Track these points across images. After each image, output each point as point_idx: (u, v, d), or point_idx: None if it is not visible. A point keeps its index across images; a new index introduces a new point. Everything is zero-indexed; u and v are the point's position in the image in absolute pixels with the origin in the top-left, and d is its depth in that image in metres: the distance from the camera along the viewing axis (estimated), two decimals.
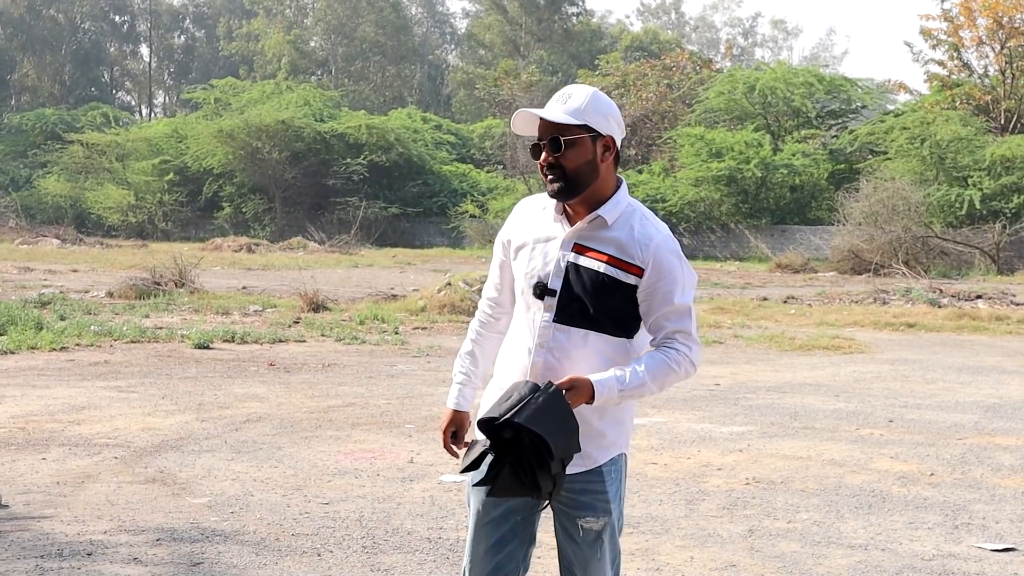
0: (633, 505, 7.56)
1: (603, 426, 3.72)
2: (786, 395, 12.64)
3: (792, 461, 9.07)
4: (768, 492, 8.02)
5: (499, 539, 3.79)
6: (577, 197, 3.68)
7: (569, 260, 3.67)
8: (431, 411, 11.05)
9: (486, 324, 4.00)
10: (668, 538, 6.85)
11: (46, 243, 47.20)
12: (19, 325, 16.38)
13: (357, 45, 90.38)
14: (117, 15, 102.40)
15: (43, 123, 71.57)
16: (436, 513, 7.28)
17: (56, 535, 6.63)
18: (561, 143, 3.63)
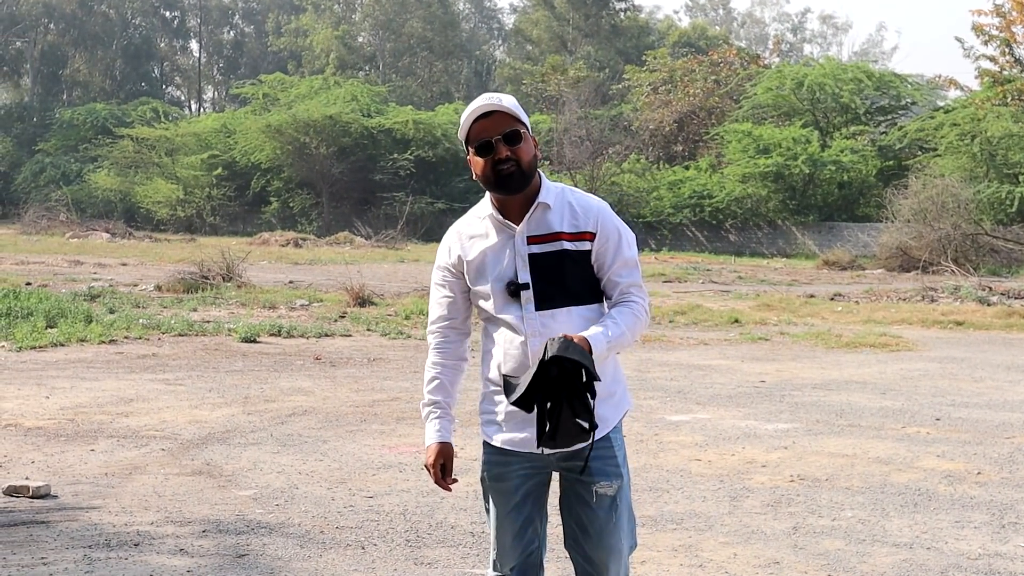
0: (676, 501, 7.56)
1: (612, 386, 4.00)
2: (832, 392, 12.58)
3: (837, 459, 9.02)
4: (813, 490, 7.99)
5: (522, 524, 4.01)
6: (524, 190, 3.94)
7: (530, 252, 3.91)
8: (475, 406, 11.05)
9: (444, 351, 4.15)
10: (711, 535, 6.84)
11: (96, 237, 47.61)
12: (69, 318, 16.56)
13: (405, 41, 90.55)
14: (168, 11, 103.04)
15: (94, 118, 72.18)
16: (479, 507, 7.29)
17: (104, 526, 6.70)
18: (519, 135, 3.90)
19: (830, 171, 48.75)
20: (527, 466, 3.99)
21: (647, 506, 7.43)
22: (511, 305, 3.94)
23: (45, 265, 30.32)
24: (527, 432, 3.92)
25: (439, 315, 4.14)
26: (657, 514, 7.25)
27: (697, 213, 51.07)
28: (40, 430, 9.42)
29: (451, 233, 4.13)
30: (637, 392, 12.21)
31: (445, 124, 59.85)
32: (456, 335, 4.15)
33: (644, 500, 7.57)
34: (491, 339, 4.04)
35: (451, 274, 4.08)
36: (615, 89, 69.24)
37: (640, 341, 16.85)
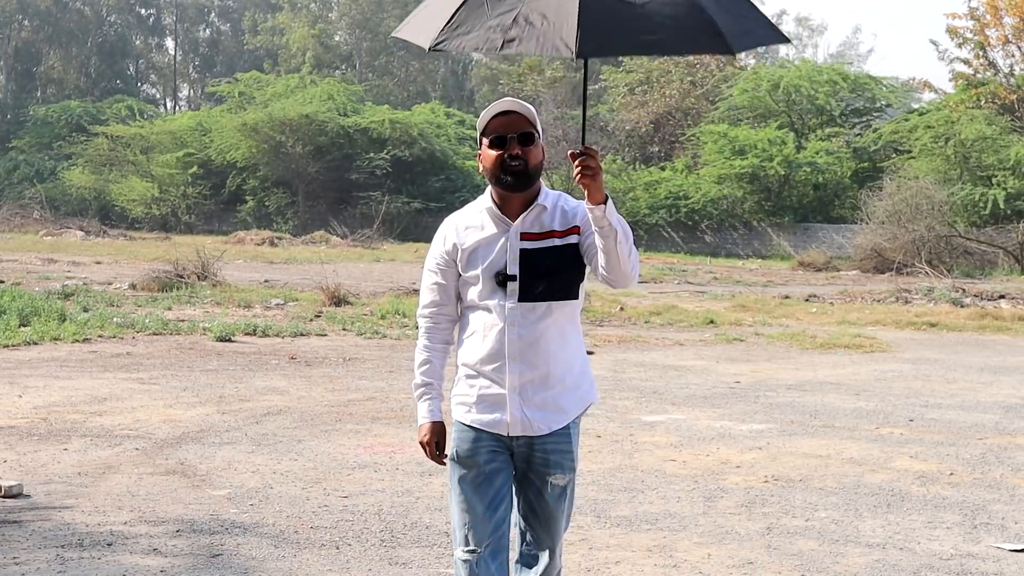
0: (651, 502, 7.58)
1: (579, 379, 4.31)
2: (806, 393, 12.62)
3: (811, 459, 9.06)
4: (787, 490, 8.02)
5: (493, 496, 4.23)
6: (526, 189, 4.24)
7: (522, 247, 4.20)
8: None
9: (433, 335, 4.38)
10: (686, 535, 6.86)
11: (70, 235, 47.41)
12: (42, 316, 16.48)
13: (381, 40, 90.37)
14: (143, 8, 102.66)
15: (68, 115, 71.83)
16: None
17: (77, 525, 6.67)
18: (534, 137, 4.22)
19: (805, 172, 48.91)
20: (494, 445, 4.23)
21: (622, 506, 7.45)
22: (496, 294, 4.21)
23: (18, 263, 30.17)
24: (497, 414, 4.21)
25: (431, 300, 4.38)
26: (632, 514, 7.27)
27: (673, 214, 51.15)
28: (12, 429, 9.38)
29: (448, 223, 4.38)
30: (612, 392, 12.23)
31: (421, 124, 59.77)
32: (445, 320, 4.38)
33: (619, 500, 7.59)
34: (470, 325, 4.30)
35: (445, 262, 4.32)
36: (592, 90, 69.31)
37: (616, 342, 16.87)
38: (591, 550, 6.55)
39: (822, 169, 48.86)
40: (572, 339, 4.31)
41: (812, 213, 50.06)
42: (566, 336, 4.28)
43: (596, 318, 20.31)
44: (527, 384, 4.20)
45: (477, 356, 4.24)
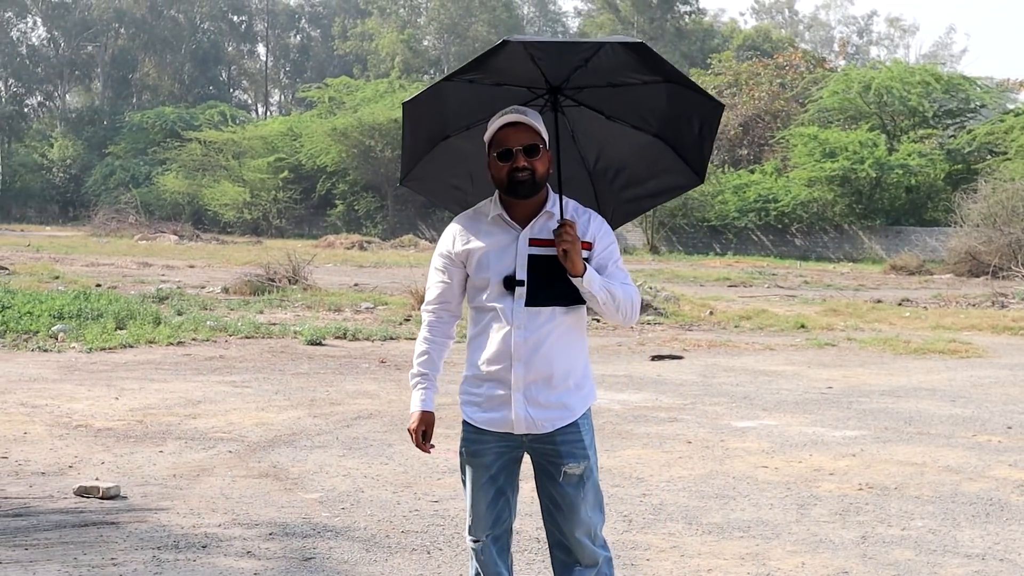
0: (743, 509, 7.51)
1: (582, 381, 4.48)
2: (900, 399, 12.44)
3: (906, 467, 8.92)
4: (882, 498, 7.90)
5: (495, 495, 4.51)
6: (533, 197, 4.40)
7: (530, 253, 4.36)
8: None
9: (435, 329, 4.57)
10: (779, 543, 6.78)
11: (164, 239, 48.14)
12: (138, 320, 16.73)
13: (470, 44, 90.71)
14: (235, 15, 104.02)
15: (163, 121, 73.00)
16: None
17: (172, 527, 6.75)
18: (539, 148, 4.37)
19: (897, 175, 48.28)
20: (501, 445, 4.45)
21: (713, 513, 7.38)
22: (505, 298, 4.38)
23: (115, 267, 30.70)
24: (503, 413, 4.39)
25: (435, 296, 4.56)
26: (724, 521, 7.21)
27: (762, 217, 50.79)
28: (110, 431, 9.53)
29: (455, 225, 4.54)
30: (702, 397, 12.16)
31: None
32: (448, 316, 4.57)
33: (710, 507, 7.53)
34: (479, 327, 4.47)
35: (451, 262, 4.51)
36: None
37: (705, 347, 16.78)
38: (683, 557, 6.50)
39: (914, 171, 48.20)
40: (577, 343, 4.48)
41: (904, 216, 49.41)
42: (571, 339, 4.45)
43: (685, 322, 20.20)
44: (531, 384, 4.37)
45: (484, 357, 4.41)
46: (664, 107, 4.64)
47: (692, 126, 4.68)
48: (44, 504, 7.17)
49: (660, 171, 4.82)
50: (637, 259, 45.95)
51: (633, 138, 4.76)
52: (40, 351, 14.42)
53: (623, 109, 4.70)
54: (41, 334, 15.45)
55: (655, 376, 13.92)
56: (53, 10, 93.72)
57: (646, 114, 4.69)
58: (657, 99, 4.62)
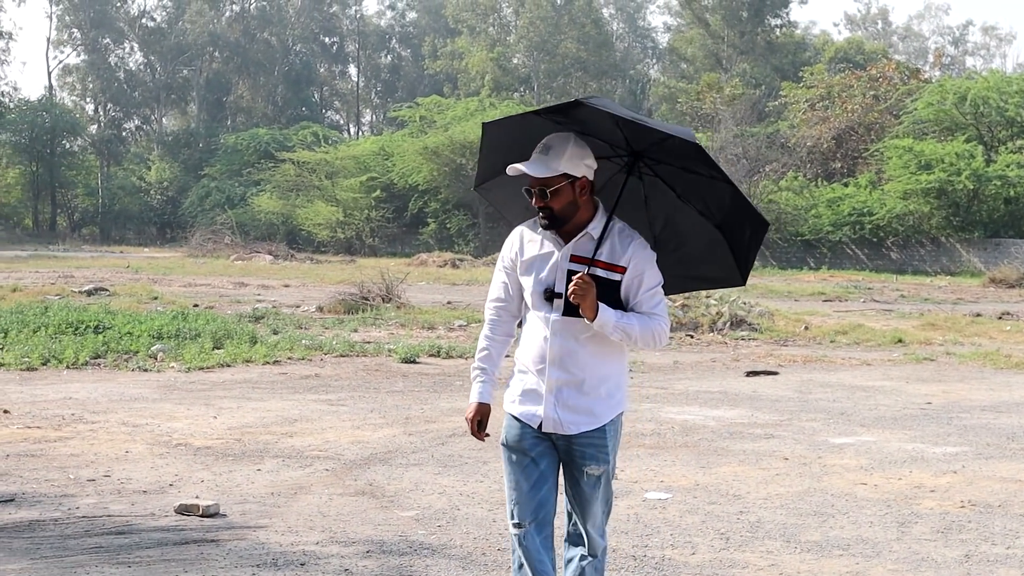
0: (842, 527, 7.41)
1: (614, 391, 4.76)
2: (1002, 415, 12.21)
3: (1010, 484, 8.75)
4: (985, 516, 7.76)
5: (538, 478, 4.78)
6: (561, 228, 4.71)
7: (569, 268, 4.67)
8: (634, 427, 11.03)
9: (495, 327, 4.94)
10: (879, 561, 6.68)
11: (259, 259, 48.72)
12: (235, 339, 16.95)
13: (559, 61, 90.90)
14: (327, 36, 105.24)
15: (257, 143, 73.98)
16: (641, 531, 7.25)
17: (271, 545, 6.82)
18: (547, 193, 4.65)
19: (996, 186, 47.50)
20: (536, 434, 4.76)
21: (811, 531, 7.30)
22: (545, 306, 4.73)
23: (211, 287, 31.12)
24: (535, 409, 4.73)
25: (496, 296, 4.95)
26: (823, 539, 7.12)
27: (857, 231, 50.22)
28: (209, 449, 9.65)
29: (516, 232, 4.92)
30: (798, 413, 12.04)
31: None
32: (507, 315, 4.92)
33: (808, 525, 7.44)
34: (526, 328, 4.85)
35: (511, 265, 4.88)
36: (771, 106, 68.50)
37: (801, 362, 16.62)
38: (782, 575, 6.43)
39: (1013, 183, 47.40)
40: (611, 354, 4.75)
41: (1003, 228, 48.58)
42: (604, 350, 4.72)
43: (780, 338, 20.03)
44: (563, 387, 4.70)
45: (527, 356, 4.78)
46: (728, 205, 4.86)
47: (745, 231, 4.90)
48: (146, 522, 7.27)
49: (712, 260, 5.04)
50: None
51: (698, 222, 4.96)
52: (140, 371, 14.66)
53: (694, 194, 4.92)
54: (141, 354, 15.70)
55: (750, 392, 13.81)
56: (149, 35, 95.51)
57: (712, 206, 4.91)
58: (722, 196, 4.84)
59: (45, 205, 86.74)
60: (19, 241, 71.43)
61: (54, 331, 17.13)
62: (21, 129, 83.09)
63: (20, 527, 7.08)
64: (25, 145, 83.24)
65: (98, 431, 10.38)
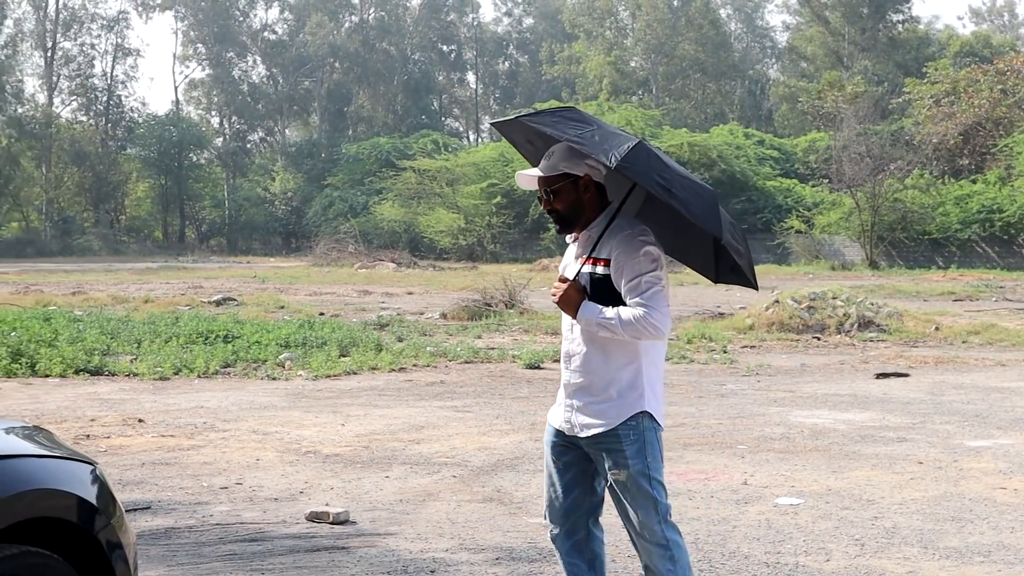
0: (982, 532, 7.22)
1: (624, 391, 4.72)
2: None
3: None
4: None
5: (564, 487, 4.90)
6: (574, 230, 4.86)
7: (581, 270, 4.79)
8: (763, 431, 10.88)
9: None
10: (1022, 569, 6.49)
11: (383, 266, 49.18)
12: (360, 346, 17.11)
13: (677, 63, 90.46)
14: (445, 45, 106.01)
15: (378, 151, 74.77)
16: (773, 537, 7.13)
17: (401, 552, 6.84)
18: (550, 193, 4.80)
19: None
20: (562, 441, 4.87)
21: (950, 537, 7.12)
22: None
23: (336, 295, 31.48)
24: (557, 412, 4.90)
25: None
26: (962, 546, 6.93)
27: (987, 228, 49.16)
28: (337, 457, 9.73)
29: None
30: (931, 416, 11.78)
31: (720, 145, 59.43)
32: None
33: (946, 531, 7.26)
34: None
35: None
36: (895, 103, 67.40)
37: (932, 363, 16.28)
38: None
39: None
40: (621, 356, 4.73)
41: None
42: (614, 351, 4.72)
43: (910, 339, 19.66)
44: (577, 390, 4.80)
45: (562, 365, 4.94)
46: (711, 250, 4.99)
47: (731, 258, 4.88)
48: (277, 529, 7.35)
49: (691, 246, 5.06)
50: (856, 275, 44.98)
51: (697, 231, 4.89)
52: (268, 379, 14.86)
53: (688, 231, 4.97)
54: (269, 362, 15.92)
55: (880, 394, 13.55)
56: (271, 48, 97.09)
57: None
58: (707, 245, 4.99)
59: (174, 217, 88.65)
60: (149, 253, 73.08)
61: (185, 341, 17.47)
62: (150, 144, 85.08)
63: (156, 534, 7.20)
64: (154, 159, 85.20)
65: (229, 439, 10.53)
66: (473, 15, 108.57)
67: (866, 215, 52.13)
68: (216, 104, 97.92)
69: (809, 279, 40.12)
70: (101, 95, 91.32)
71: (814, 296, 21.93)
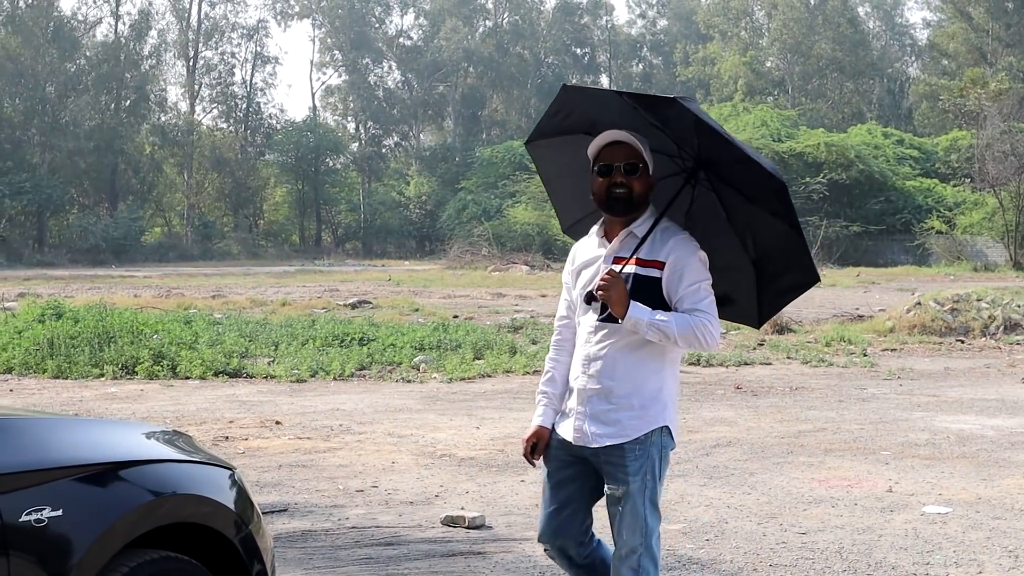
0: None
1: (647, 403, 4.43)
2: None
3: None
4: None
5: (559, 504, 4.60)
6: (629, 215, 4.49)
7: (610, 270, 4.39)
8: (907, 437, 10.58)
9: (560, 348, 4.74)
10: None
11: (516, 269, 49.28)
12: (494, 349, 17.09)
13: (814, 63, 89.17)
14: (578, 48, 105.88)
15: (511, 155, 74.87)
16: (921, 547, 6.89)
17: (537, 558, 6.74)
18: (638, 167, 4.44)
19: None
20: (568, 456, 4.56)
21: None
22: (587, 312, 4.53)
23: (470, 298, 31.57)
24: (568, 421, 4.55)
25: (561, 314, 4.79)
26: None
27: None
28: (472, 460, 9.68)
29: (575, 245, 4.79)
30: None
31: (858, 145, 58.44)
32: (571, 334, 4.70)
33: None
34: (575, 339, 4.65)
35: (569, 281, 4.72)
36: None
37: None
38: None
39: None
40: (649, 363, 4.45)
41: None
42: (641, 359, 4.43)
43: None
44: (593, 396, 4.46)
45: (571, 369, 4.60)
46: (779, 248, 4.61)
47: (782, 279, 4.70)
48: (413, 533, 7.32)
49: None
50: (1000, 276, 43.84)
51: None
52: (403, 382, 14.92)
53: (745, 225, 4.63)
54: (404, 365, 15.98)
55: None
56: (406, 54, 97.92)
57: (758, 242, 4.64)
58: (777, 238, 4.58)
59: (310, 222, 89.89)
60: (287, 257, 74.21)
61: (321, 344, 17.62)
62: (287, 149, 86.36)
63: (293, 537, 7.22)
64: (291, 165, 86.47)
65: (365, 442, 10.56)
66: (607, 17, 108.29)
67: (1010, 215, 50.87)
68: (352, 110, 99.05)
69: (951, 281, 39.18)
70: (241, 102, 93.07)
71: (957, 298, 21.37)
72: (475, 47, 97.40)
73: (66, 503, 3.41)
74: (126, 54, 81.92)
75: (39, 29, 74.85)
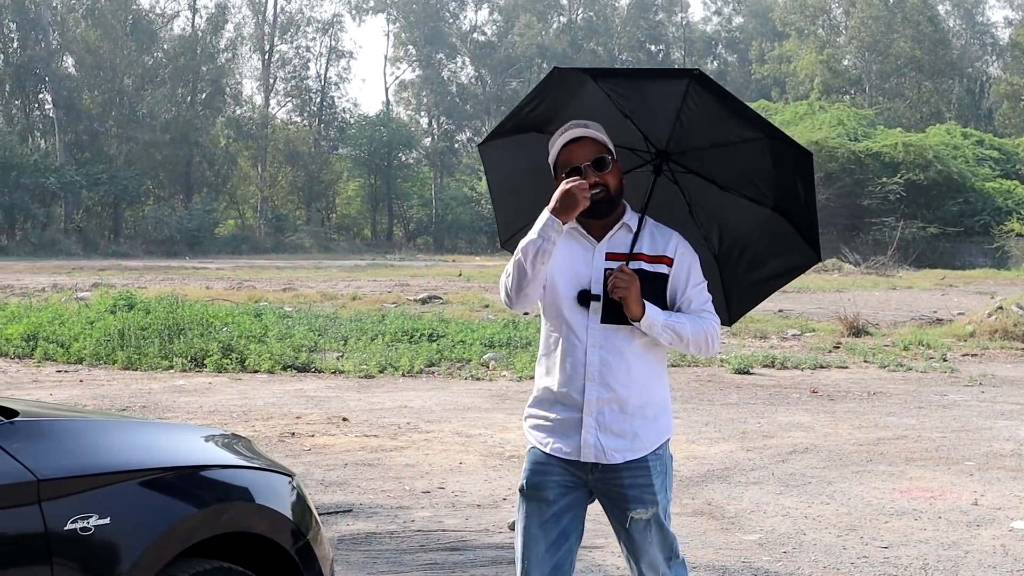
0: None
1: (657, 411, 4.12)
2: None
3: None
4: None
5: (557, 537, 4.08)
6: (611, 215, 4.11)
7: (607, 267, 4.05)
8: (991, 447, 10.23)
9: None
10: None
11: None
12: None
13: (892, 61, 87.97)
14: (652, 44, 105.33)
15: None
16: (1011, 565, 6.58)
17: (607, 567, 6.55)
18: (607, 161, 4.05)
19: None
20: (567, 477, 4.08)
21: None
22: (579, 314, 4.08)
23: None
24: (572, 438, 4.04)
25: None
26: None
27: None
28: None
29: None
30: None
31: (937, 145, 57.58)
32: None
33: None
34: (552, 345, 4.17)
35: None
36: None
37: None
38: None
39: None
40: (656, 368, 4.15)
41: None
42: (649, 363, 4.12)
43: None
44: (604, 408, 4.03)
45: (557, 377, 4.10)
46: (771, 169, 4.28)
47: (798, 193, 4.26)
48: (480, 538, 7.12)
49: (781, 251, 4.38)
50: None
51: (751, 213, 4.32)
52: (472, 379, 14.73)
53: (734, 177, 4.31)
54: (473, 362, 15.81)
55: None
56: (480, 49, 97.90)
57: (757, 181, 4.30)
58: (763, 159, 4.26)
59: (382, 216, 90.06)
60: (358, 251, 74.37)
61: (390, 339, 17.50)
62: (360, 144, 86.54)
63: (357, 539, 7.05)
64: (364, 159, 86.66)
65: (432, 441, 10.38)
66: (682, 14, 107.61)
67: None
68: (425, 105, 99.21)
69: None
70: (315, 96, 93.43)
71: None
72: (549, 43, 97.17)
73: (115, 511, 3.23)
74: (202, 47, 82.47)
75: (118, 22, 75.56)
